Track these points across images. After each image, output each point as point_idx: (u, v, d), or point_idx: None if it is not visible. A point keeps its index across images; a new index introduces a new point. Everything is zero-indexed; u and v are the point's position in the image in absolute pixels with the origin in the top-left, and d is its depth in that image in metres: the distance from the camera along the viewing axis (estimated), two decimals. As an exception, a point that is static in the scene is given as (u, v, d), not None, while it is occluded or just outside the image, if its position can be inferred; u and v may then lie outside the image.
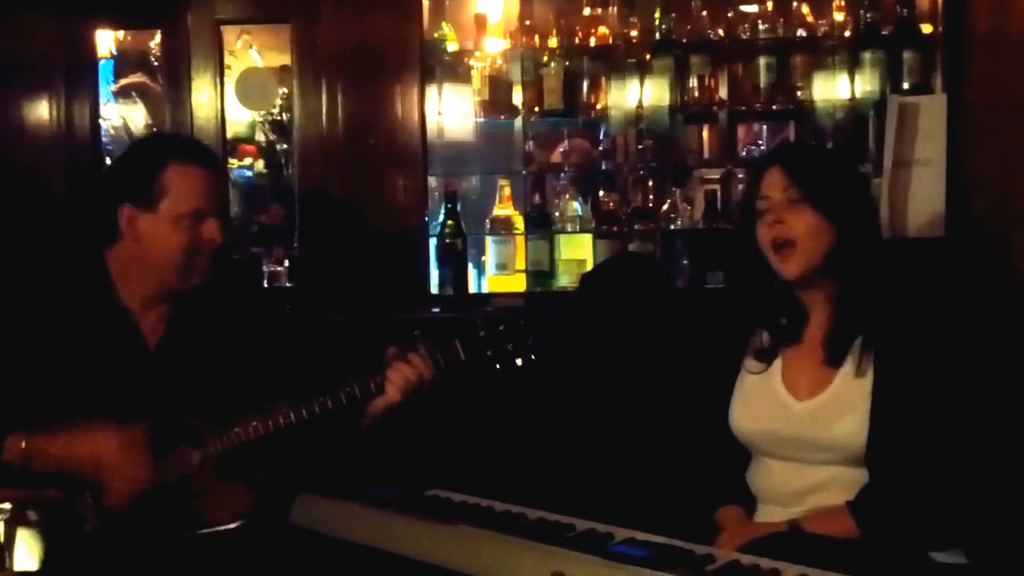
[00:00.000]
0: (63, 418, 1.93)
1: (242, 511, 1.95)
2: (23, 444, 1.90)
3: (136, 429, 1.92)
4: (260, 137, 4.17)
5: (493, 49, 3.74)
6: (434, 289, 3.57)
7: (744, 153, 3.92)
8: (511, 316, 2.05)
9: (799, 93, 3.64)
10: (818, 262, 1.92)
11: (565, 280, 3.68)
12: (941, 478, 1.84)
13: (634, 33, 3.66)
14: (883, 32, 3.58)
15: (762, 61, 3.62)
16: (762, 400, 1.99)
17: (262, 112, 4.04)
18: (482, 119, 3.74)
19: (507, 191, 3.75)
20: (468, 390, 2.39)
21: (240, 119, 4.04)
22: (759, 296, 2.02)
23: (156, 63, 4.00)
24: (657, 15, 3.62)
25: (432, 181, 3.68)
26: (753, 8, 3.65)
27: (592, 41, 3.68)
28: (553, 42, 3.68)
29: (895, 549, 1.82)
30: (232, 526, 1.94)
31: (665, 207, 3.70)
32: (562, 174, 3.80)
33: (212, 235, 2.03)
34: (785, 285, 1.98)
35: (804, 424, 1.91)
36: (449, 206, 3.55)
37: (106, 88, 3.98)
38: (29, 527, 1.74)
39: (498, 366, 2.01)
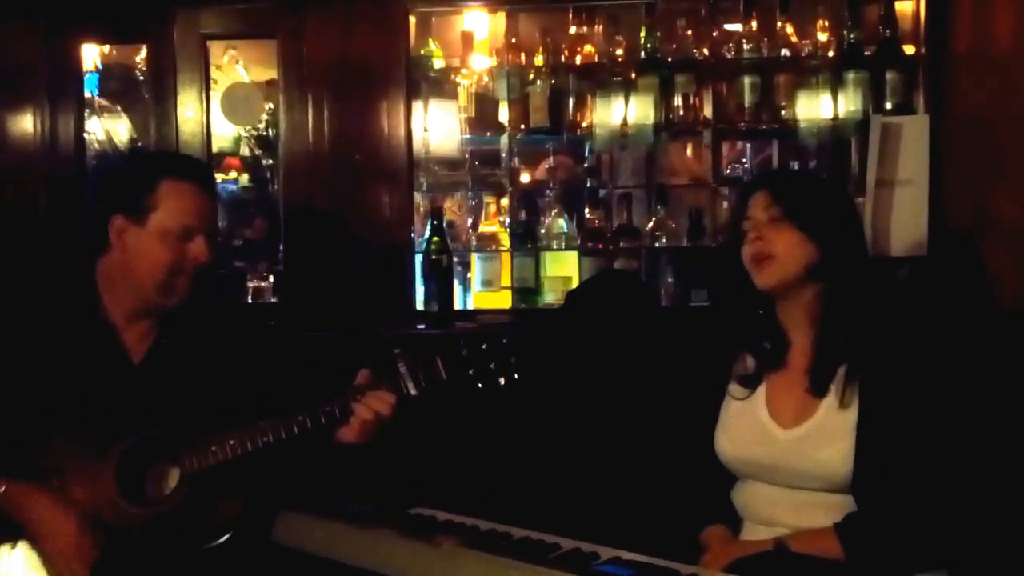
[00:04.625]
0: (45, 434, 1.92)
1: (224, 528, 1.94)
2: (3, 489, 1.89)
3: (93, 540, 1.89)
4: (245, 152, 4.16)
5: (479, 66, 3.75)
6: (419, 305, 3.57)
7: (728, 171, 3.94)
8: (494, 334, 2.03)
9: (783, 112, 3.67)
10: (795, 276, 1.93)
11: (551, 297, 3.68)
12: (927, 501, 1.85)
13: (619, 52, 3.68)
14: (866, 52, 3.60)
15: (746, 80, 3.64)
16: (746, 427, 1.99)
17: (248, 127, 4.03)
18: (468, 136, 3.75)
19: (493, 207, 3.76)
20: (453, 407, 2.39)
21: (225, 133, 4.03)
22: (742, 319, 2.03)
23: (142, 77, 3.98)
24: (642, 34, 3.64)
25: (418, 197, 3.69)
26: (737, 27, 3.67)
27: (578, 59, 3.69)
28: (539, 60, 3.69)
29: (881, 571, 1.82)
30: (216, 543, 1.93)
31: (650, 225, 3.72)
32: (548, 191, 3.81)
33: (198, 254, 2.02)
34: (767, 308, 1.99)
35: (788, 452, 1.92)
36: (435, 222, 3.55)
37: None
38: None
39: (480, 385, 1.99)
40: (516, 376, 2.00)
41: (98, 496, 1.90)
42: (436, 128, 3.72)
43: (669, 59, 3.66)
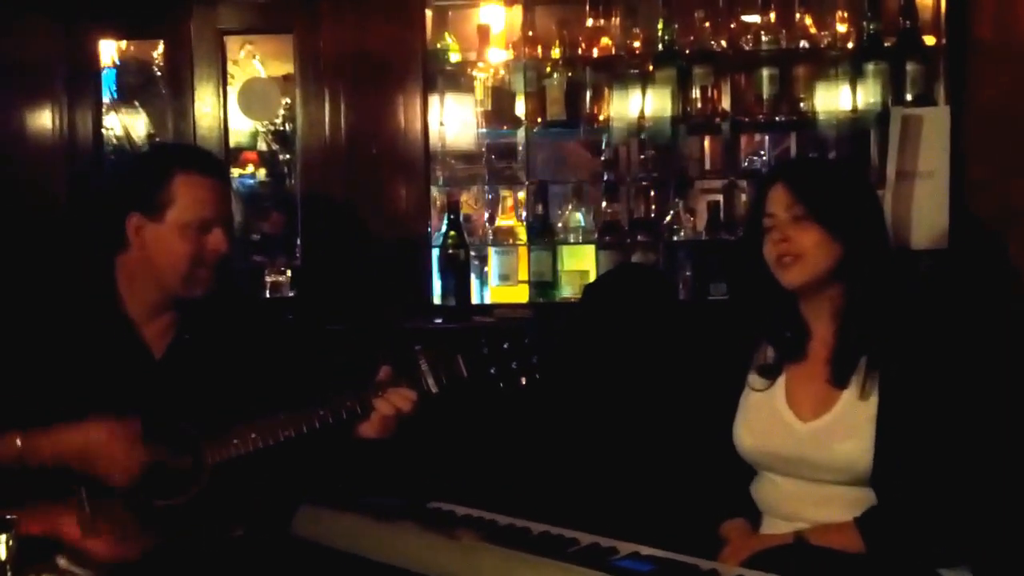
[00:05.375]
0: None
1: (244, 520, 1.95)
2: (18, 442, 1.90)
3: (128, 420, 1.92)
4: (262, 146, 4.17)
5: (496, 59, 3.74)
6: (436, 299, 3.57)
7: (746, 164, 3.92)
8: (516, 332, 2.02)
9: (802, 104, 3.64)
10: (822, 274, 1.92)
11: (568, 291, 3.67)
12: (948, 496, 1.83)
13: (636, 44, 3.67)
14: (886, 43, 3.57)
15: (765, 72, 3.61)
16: (765, 419, 1.98)
17: (265, 121, 4.04)
18: (484, 129, 3.75)
19: (509, 201, 3.75)
20: (472, 402, 2.38)
21: (242, 128, 4.04)
22: (763, 309, 2.02)
23: (159, 72, 4.00)
24: (660, 26, 3.62)
25: (434, 191, 3.68)
26: (756, 19, 3.65)
27: (595, 52, 3.67)
28: (556, 53, 3.68)
29: (902, 565, 1.81)
30: (236, 535, 1.93)
31: (667, 218, 3.70)
32: (564, 184, 3.79)
33: (217, 245, 2.03)
34: (788, 299, 1.98)
35: (807, 445, 1.91)
36: (451, 216, 3.55)
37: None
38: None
39: (501, 384, 1.99)
40: (537, 376, 1.99)
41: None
42: (452, 122, 3.72)
43: (687, 51, 3.63)
